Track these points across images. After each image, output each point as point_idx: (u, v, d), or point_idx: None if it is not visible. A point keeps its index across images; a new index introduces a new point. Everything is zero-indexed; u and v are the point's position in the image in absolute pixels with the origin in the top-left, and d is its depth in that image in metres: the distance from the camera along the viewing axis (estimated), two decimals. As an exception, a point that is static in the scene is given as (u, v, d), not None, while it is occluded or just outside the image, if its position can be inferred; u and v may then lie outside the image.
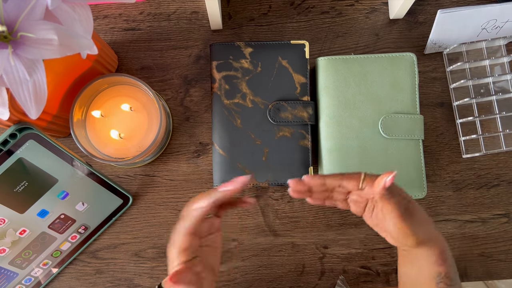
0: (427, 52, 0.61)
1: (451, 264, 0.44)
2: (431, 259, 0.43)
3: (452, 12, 0.54)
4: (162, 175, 0.59)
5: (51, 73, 0.45)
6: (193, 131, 0.60)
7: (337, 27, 0.62)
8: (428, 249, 0.43)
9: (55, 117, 0.51)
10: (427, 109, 0.61)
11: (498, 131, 0.59)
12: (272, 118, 0.56)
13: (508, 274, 0.60)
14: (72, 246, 0.57)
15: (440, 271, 0.43)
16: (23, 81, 0.34)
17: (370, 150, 0.56)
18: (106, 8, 0.61)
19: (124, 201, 0.57)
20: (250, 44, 0.57)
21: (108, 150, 0.54)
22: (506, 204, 0.60)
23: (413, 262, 0.44)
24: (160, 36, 0.61)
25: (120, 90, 0.55)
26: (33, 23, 0.34)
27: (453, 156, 0.60)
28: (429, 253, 0.43)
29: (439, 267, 0.43)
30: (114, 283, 0.58)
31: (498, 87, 0.61)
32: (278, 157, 0.56)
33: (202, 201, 0.41)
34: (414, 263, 0.44)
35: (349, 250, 0.59)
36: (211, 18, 0.57)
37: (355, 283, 0.59)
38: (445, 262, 0.43)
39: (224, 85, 0.57)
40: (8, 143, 0.43)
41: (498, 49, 0.61)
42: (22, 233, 0.51)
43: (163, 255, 0.58)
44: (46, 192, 0.49)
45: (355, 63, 0.57)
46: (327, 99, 0.57)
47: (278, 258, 0.59)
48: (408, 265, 0.45)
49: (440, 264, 0.43)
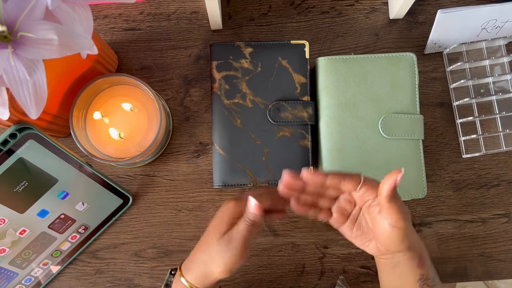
0: (427, 52, 0.61)
1: (430, 265, 0.45)
2: (414, 263, 0.44)
3: (452, 12, 0.54)
4: (162, 175, 0.59)
5: (51, 73, 0.45)
6: (193, 131, 0.60)
7: (337, 27, 0.62)
8: (411, 252, 0.43)
9: (55, 117, 0.51)
10: (427, 109, 0.61)
11: (498, 131, 0.59)
12: (272, 118, 0.56)
13: (508, 274, 0.60)
14: (72, 246, 0.57)
15: (422, 274, 0.44)
16: (23, 81, 0.34)
17: (370, 150, 0.56)
18: (106, 8, 0.61)
19: (124, 201, 0.57)
20: (250, 44, 0.57)
21: (108, 150, 0.54)
22: (506, 204, 0.60)
23: (395, 269, 0.45)
24: (160, 36, 0.61)
25: (120, 90, 0.55)
26: (33, 23, 0.34)
27: (453, 156, 0.60)
28: (412, 257, 0.43)
29: (421, 269, 0.44)
30: (114, 283, 0.58)
31: (498, 87, 0.61)
32: (278, 157, 0.56)
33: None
34: (396, 270, 0.44)
35: (349, 250, 0.59)
36: (211, 18, 0.57)
37: (355, 283, 0.59)
38: (425, 263, 0.44)
39: (224, 85, 0.57)
40: (8, 143, 0.43)
41: (498, 49, 0.61)
42: (22, 233, 0.51)
43: (163, 255, 0.58)
44: (46, 192, 0.49)
45: (355, 63, 0.57)
46: (327, 99, 0.57)
47: (278, 258, 0.59)
48: (390, 272, 0.45)
49: (421, 266, 0.44)
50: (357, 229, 0.45)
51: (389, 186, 0.39)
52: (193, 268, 0.44)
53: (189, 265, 0.44)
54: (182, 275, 0.44)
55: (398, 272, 0.44)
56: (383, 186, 0.39)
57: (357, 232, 0.45)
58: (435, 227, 0.60)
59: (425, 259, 0.45)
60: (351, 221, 0.45)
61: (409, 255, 0.43)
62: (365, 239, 0.45)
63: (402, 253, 0.43)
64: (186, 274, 0.44)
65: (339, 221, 0.45)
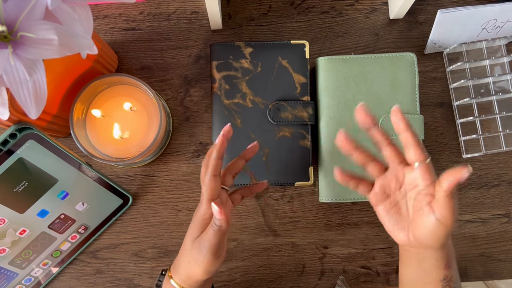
0: (427, 52, 0.61)
1: (456, 268, 0.44)
2: (442, 263, 0.43)
3: (452, 12, 0.54)
4: (162, 175, 0.59)
5: (51, 73, 0.45)
6: (193, 131, 0.60)
7: (337, 27, 0.62)
8: (442, 252, 0.42)
9: (55, 117, 0.51)
10: (427, 109, 0.61)
11: (498, 131, 0.59)
12: (272, 118, 0.56)
13: (508, 274, 0.60)
14: (72, 246, 0.57)
15: (447, 275, 0.43)
16: (23, 81, 0.34)
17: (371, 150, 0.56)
18: (106, 8, 0.61)
19: (124, 201, 0.57)
20: (250, 44, 0.57)
21: (108, 150, 0.54)
22: (506, 204, 0.60)
23: (420, 264, 0.44)
24: (160, 36, 0.61)
25: (120, 90, 0.55)
26: (33, 23, 0.34)
27: (453, 156, 0.60)
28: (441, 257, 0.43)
29: (446, 271, 0.43)
30: (114, 283, 0.58)
31: (498, 87, 0.61)
32: (278, 157, 0.56)
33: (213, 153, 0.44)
34: (421, 264, 0.44)
35: (349, 250, 0.59)
36: (211, 18, 0.57)
37: (355, 283, 0.59)
38: (451, 266, 0.44)
39: (224, 85, 0.57)
40: (8, 143, 0.43)
41: (498, 49, 0.61)
42: (22, 233, 0.51)
43: (163, 255, 0.58)
44: (46, 192, 0.49)
45: (355, 63, 0.57)
46: (327, 99, 0.57)
47: (278, 258, 0.59)
48: (414, 266, 0.45)
49: (448, 267, 0.43)
50: (394, 212, 0.44)
51: (453, 180, 0.37)
52: (179, 269, 0.45)
53: (176, 266, 0.46)
54: (171, 276, 0.45)
55: (423, 267, 0.44)
56: (447, 178, 0.37)
57: (393, 216, 0.44)
58: (435, 227, 0.60)
59: (452, 260, 0.44)
60: (391, 202, 0.44)
61: (439, 254, 0.42)
62: (398, 225, 0.43)
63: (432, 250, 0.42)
64: (174, 275, 0.45)
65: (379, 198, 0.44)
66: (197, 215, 0.45)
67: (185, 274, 0.44)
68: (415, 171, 0.41)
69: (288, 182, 0.56)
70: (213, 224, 0.42)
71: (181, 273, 0.44)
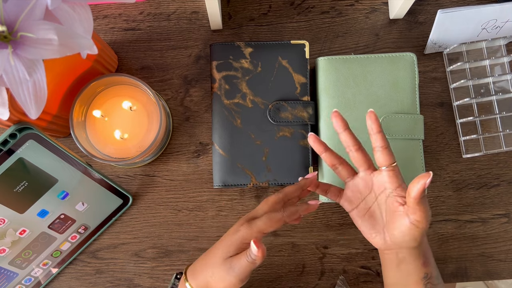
0: (427, 52, 0.61)
1: (434, 265, 0.46)
2: (419, 261, 0.44)
3: (452, 12, 0.54)
4: (162, 175, 0.59)
5: (51, 73, 0.45)
6: (193, 131, 0.60)
7: (337, 27, 0.62)
8: (417, 250, 0.44)
9: (55, 117, 0.51)
10: (427, 109, 0.61)
11: (498, 131, 0.59)
12: (272, 118, 0.56)
13: (508, 274, 0.60)
14: (72, 246, 0.57)
15: (427, 272, 0.44)
16: (23, 81, 0.34)
17: (371, 150, 0.56)
18: (106, 8, 0.61)
19: (124, 201, 0.57)
20: (250, 44, 0.57)
21: (108, 150, 0.54)
22: (506, 204, 0.60)
23: (399, 265, 0.45)
24: (160, 36, 0.61)
25: (120, 90, 0.55)
26: (33, 23, 0.34)
27: (453, 156, 0.60)
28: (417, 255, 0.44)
29: (425, 268, 0.44)
30: (114, 283, 0.58)
31: (498, 87, 0.61)
32: (278, 157, 0.56)
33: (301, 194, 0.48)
34: (401, 267, 0.45)
35: (349, 250, 0.59)
36: (211, 18, 0.57)
37: (355, 283, 0.59)
38: (430, 262, 0.45)
39: (224, 85, 0.57)
40: (8, 143, 0.43)
41: (498, 49, 0.61)
42: (22, 233, 0.51)
43: (163, 255, 0.58)
44: (46, 192, 0.49)
45: (355, 63, 0.57)
46: (327, 99, 0.57)
47: (278, 258, 0.59)
48: (394, 268, 0.46)
49: (426, 265, 0.45)
50: (368, 217, 0.45)
51: (419, 188, 0.39)
52: (198, 277, 0.44)
53: (195, 272, 0.45)
54: (187, 280, 0.45)
55: (403, 269, 0.45)
56: (413, 187, 0.39)
57: (367, 221, 0.45)
58: (435, 227, 0.60)
59: (430, 258, 0.45)
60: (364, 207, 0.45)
61: (415, 253, 0.43)
62: (373, 229, 0.45)
63: (408, 249, 0.43)
64: (191, 280, 0.44)
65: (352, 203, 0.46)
66: (237, 234, 0.43)
67: (204, 282, 0.43)
68: (383, 174, 0.44)
69: (288, 182, 0.57)
70: (249, 255, 0.41)
71: (200, 280, 0.44)
